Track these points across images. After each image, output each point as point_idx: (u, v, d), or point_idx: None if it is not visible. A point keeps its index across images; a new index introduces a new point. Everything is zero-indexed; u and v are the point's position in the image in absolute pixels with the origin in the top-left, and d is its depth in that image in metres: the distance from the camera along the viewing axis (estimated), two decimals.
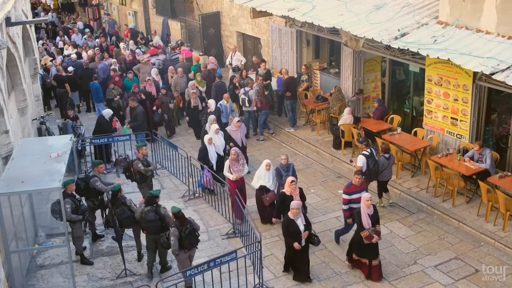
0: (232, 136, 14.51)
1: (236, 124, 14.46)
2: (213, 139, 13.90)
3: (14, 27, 13.02)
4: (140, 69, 19.95)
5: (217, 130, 14.14)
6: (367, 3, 14.51)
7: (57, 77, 19.60)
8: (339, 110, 16.00)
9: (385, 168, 12.54)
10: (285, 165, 12.19)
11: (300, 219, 10.13)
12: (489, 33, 11.68)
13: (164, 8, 25.58)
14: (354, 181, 11.09)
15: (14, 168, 10.35)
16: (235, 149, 12.87)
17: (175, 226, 9.89)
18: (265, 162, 12.28)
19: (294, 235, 10.10)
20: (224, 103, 16.06)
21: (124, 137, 15.24)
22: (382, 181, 12.77)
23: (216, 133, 14.10)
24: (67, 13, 34.42)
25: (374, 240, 10.26)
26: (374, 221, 10.29)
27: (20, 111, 13.78)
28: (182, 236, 9.84)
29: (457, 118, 13.18)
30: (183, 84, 18.62)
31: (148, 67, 19.97)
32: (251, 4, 16.70)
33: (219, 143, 14.09)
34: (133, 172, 12.79)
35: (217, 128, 14.19)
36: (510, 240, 11.23)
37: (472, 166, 12.36)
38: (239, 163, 12.75)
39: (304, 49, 18.41)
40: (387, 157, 12.54)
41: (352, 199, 10.98)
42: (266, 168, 12.20)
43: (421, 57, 12.87)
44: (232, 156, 12.70)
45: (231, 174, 12.63)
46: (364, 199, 10.24)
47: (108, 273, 11.02)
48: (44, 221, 12.39)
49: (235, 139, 14.49)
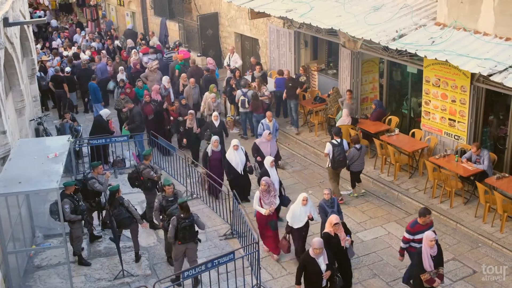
0: (261, 149, 13.20)
1: (267, 137, 13.19)
2: (232, 156, 12.91)
3: (12, 28, 13.00)
4: (148, 77, 19.13)
5: (236, 146, 12.91)
6: (365, 4, 14.54)
7: (55, 78, 19.58)
8: (337, 111, 16.00)
9: (356, 159, 12.97)
10: (328, 200, 10.69)
11: (322, 257, 8.98)
12: (487, 35, 11.70)
13: (162, 9, 25.58)
14: None
15: (12, 168, 10.33)
16: (266, 180, 11.03)
17: (176, 217, 10.01)
18: (302, 196, 10.60)
19: (311, 276, 9.04)
20: (266, 121, 14.40)
21: (121, 138, 15.21)
22: (354, 172, 13.21)
23: (235, 149, 12.91)
24: (65, 14, 34.41)
25: (436, 285, 9.07)
26: (437, 263, 9.01)
27: (17, 111, 13.75)
28: (178, 227, 9.96)
29: (454, 119, 13.19)
30: (195, 95, 17.63)
31: (157, 74, 19.16)
32: (249, 5, 16.71)
33: (238, 160, 12.94)
34: (143, 181, 12.35)
35: (236, 144, 12.94)
36: (508, 241, 11.25)
37: (470, 167, 12.37)
38: (270, 194, 11.09)
39: (302, 50, 18.43)
40: (358, 148, 12.95)
41: (415, 239, 9.58)
42: (303, 203, 10.55)
43: (419, 58, 12.89)
44: (262, 187, 10.94)
45: (262, 208, 10.94)
46: (428, 238, 8.90)
47: (106, 274, 11.00)
48: (41, 222, 12.37)
49: (264, 153, 13.06)
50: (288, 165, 15.43)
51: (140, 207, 12.99)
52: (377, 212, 12.85)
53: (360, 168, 13.20)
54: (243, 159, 12.98)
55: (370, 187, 13.88)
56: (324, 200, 10.74)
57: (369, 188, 13.86)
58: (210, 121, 15.16)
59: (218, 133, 14.60)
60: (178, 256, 10.26)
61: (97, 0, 30.53)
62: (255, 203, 10.99)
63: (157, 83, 18.19)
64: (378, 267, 10.97)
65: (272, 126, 14.40)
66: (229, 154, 13.04)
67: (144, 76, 19.11)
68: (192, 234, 10.13)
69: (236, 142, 12.92)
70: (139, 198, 13.22)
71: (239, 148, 12.98)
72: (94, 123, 15.99)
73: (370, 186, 13.93)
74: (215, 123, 14.90)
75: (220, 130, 14.93)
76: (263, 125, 14.36)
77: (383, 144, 14.12)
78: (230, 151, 13.00)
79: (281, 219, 12.03)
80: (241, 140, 16.68)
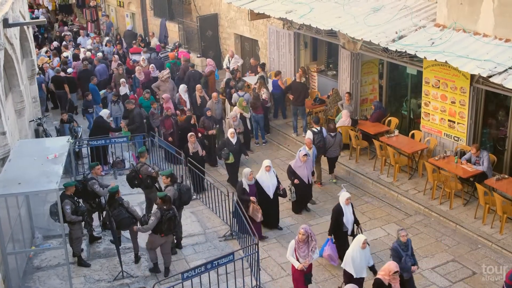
0: (297, 172, 12.44)
1: (302, 158, 12.33)
2: (263, 177, 11.98)
3: (12, 29, 13.00)
4: (160, 87, 18.13)
5: (269, 167, 11.95)
6: (365, 6, 14.54)
7: (56, 79, 19.58)
8: (337, 112, 16.00)
9: (331, 145, 13.82)
10: (404, 243, 9.49)
11: None
12: (487, 36, 11.71)
13: (162, 10, 25.57)
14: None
15: (11, 169, 10.33)
16: (305, 228, 9.48)
17: (159, 209, 10.28)
18: (361, 240, 9.43)
19: None
20: (306, 149, 12.86)
21: (121, 139, 15.22)
22: (330, 158, 14.10)
23: (267, 170, 11.96)
24: (65, 15, 34.40)
25: None
26: None
27: (17, 112, 13.75)
28: (162, 219, 10.21)
29: (454, 120, 13.20)
30: (218, 110, 16.26)
31: (169, 84, 18.15)
32: (249, 6, 16.71)
33: (269, 182, 11.97)
34: (142, 179, 12.35)
35: (269, 165, 11.99)
36: (507, 242, 11.25)
37: (469, 168, 12.38)
38: (309, 246, 9.57)
39: (302, 51, 18.42)
40: (332, 135, 13.80)
41: None
42: (363, 246, 9.43)
43: (419, 59, 12.89)
44: (300, 236, 9.42)
45: (296, 261, 9.52)
46: None
47: (105, 275, 11.00)
48: (41, 223, 12.36)
49: (302, 176, 12.45)
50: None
51: (140, 208, 12.98)
52: (376, 213, 12.85)
53: (335, 154, 14.07)
54: (274, 182, 12.02)
55: (370, 188, 13.89)
56: (398, 242, 9.47)
57: (369, 189, 13.87)
58: (227, 139, 14.22)
59: (236, 151, 14.04)
60: (155, 247, 10.71)
61: (97, 1, 30.52)
62: (288, 253, 9.64)
63: (169, 93, 17.48)
64: (377, 268, 10.91)
65: (312, 154, 13.04)
66: (260, 176, 12.04)
67: (155, 86, 18.24)
68: (174, 225, 10.53)
69: (268, 163, 11.98)
70: (139, 199, 13.22)
71: (271, 169, 12.08)
72: (94, 124, 16.00)
73: (369, 187, 13.94)
74: (232, 140, 14.04)
75: (238, 148, 14.19)
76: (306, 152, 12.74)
77: (382, 145, 14.12)
78: (262, 173, 12.02)
79: None
80: None
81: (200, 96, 17.02)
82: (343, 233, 10.77)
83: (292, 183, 12.54)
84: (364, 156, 15.16)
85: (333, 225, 10.70)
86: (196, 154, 14.05)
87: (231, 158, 13.96)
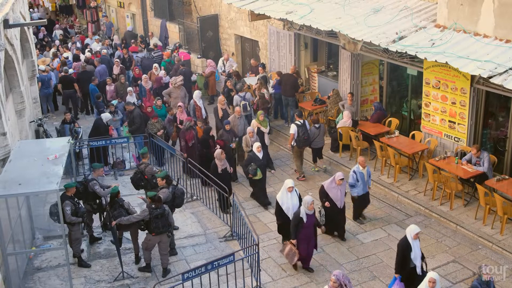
0: (330, 195, 11.51)
1: (337, 182, 11.41)
2: (284, 198, 11.23)
3: (12, 29, 13.01)
4: (172, 93, 17.33)
5: (291, 188, 11.15)
6: (365, 6, 14.55)
7: (64, 78, 19.59)
8: (337, 113, 16.01)
9: (316, 136, 14.36)
10: (485, 281, 8.73)
11: None
12: (487, 37, 11.72)
13: (162, 10, 25.59)
14: None
15: (12, 170, 10.33)
16: (336, 275, 8.55)
17: (148, 207, 10.48)
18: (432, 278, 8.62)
19: None
20: (360, 168, 12.04)
21: (121, 140, 15.23)
22: (315, 148, 14.66)
23: (290, 191, 11.19)
24: (65, 15, 34.42)
25: None
26: None
27: (17, 113, 13.75)
28: (151, 218, 10.41)
29: (454, 121, 13.19)
30: (241, 126, 15.14)
31: (181, 91, 17.29)
32: (250, 7, 16.73)
33: (290, 203, 11.17)
34: (148, 179, 12.29)
35: (292, 186, 11.19)
36: (508, 243, 11.24)
37: (470, 169, 12.38)
38: None
39: (302, 52, 18.43)
40: (317, 127, 14.36)
41: None
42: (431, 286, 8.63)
43: (419, 60, 12.90)
44: (331, 283, 8.59)
45: None
46: None
47: (106, 275, 10.99)
48: (41, 223, 12.36)
49: (334, 199, 11.47)
50: (288, 166, 15.43)
51: (140, 208, 12.95)
52: (377, 214, 12.85)
53: (320, 145, 14.63)
54: (296, 202, 11.15)
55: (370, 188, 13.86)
56: (478, 280, 8.81)
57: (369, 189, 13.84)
58: (253, 153, 13.23)
59: (263, 166, 13.28)
60: (150, 247, 10.77)
61: (97, 1, 30.54)
62: None
63: (181, 100, 16.84)
64: (378, 269, 10.96)
65: (366, 173, 12.16)
66: (281, 196, 11.32)
67: (167, 93, 17.44)
68: (165, 224, 10.53)
69: (291, 184, 11.19)
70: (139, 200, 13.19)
71: (294, 189, 11.34)
72: (93, 125, 16.01)
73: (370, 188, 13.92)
74: (259, 155, 13.16)
75: (265, 163, 13.50)
76: (356, 173, 11.98)
77: (383, 146, 14.12)
78: (283, 193, 11.27)
79: None
80: None
81: (222, 108, 15.87)
82: (411, 270, 9.61)
83: (323, 205, 11.56)
84: (365, 157, 15.08)
85: (400, 262, 9.55)
86: (225, 171, 13.06)
87: (259, 174, 13.07)
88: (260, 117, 14.90)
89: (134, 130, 15.77)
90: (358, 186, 12.01)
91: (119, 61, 21.26)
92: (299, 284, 10.65)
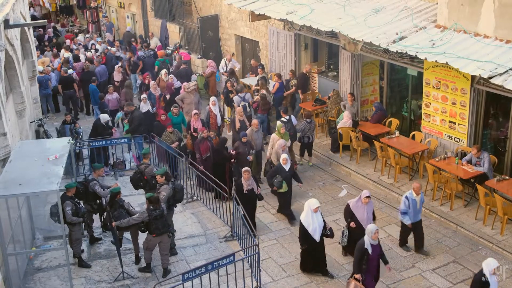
0: (356, 215, 10.75)
1: (364, 200, 10.70)
2: (309, 219, 10.40)
3: (13, 30, 13.01)
4: (185, 99, 16.62)
5: (317, 208, 10.41)
6: (366, 7, 14.55)
7: (65, 79, 19.59)
8: (337, 113, 16.01)
9: (307, 131, 14.65)
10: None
11: None
12: (487, 37, 11.72)
13: (163, 10, 25.59)
14: None
15: (12, 170, 10.33)
16: None
17: (147, 209, 10.50)
18: None
19: None
20: (413, 195, 10.99)
21: (121, 140, 15.23)
22: (306, 143, 14.93)
23: (316, 212, 10.41)
24: (66, 16, 34.44)
25: None
26: None
27: (18, 113, 13.76)
28: (150, 219, 10.43)
29: (455, 121, 13.19)
30: (259, 140, 14.36)
31: (194, 96, 16.71)
32: (250, 7, 16.73)
33: (316, 224, 10.40)
34: (147, 180, 12.26)
35: (318, 205, 10.45)
36: (508, 243, 11.24)
37: (470, 169, 12.37)
38: None
39: (303, 52, 18.43)
40: (308, 121, 14.64)
41: None
42: None
43: (419, 60, 12.90)
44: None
45: None
46: None
47: (106, 276, 10.99)
48: (41, 224, 12.37)
49: (360, 220, 10.71)
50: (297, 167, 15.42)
51: (140, 209, 12.96)
52: (377, 215, 12.80)
53: (310, 140, 14.94)
54: (321, 221, 10.48)
55: (371, 189, 13.87)
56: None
57: (370, 190, 13.83)
58: (279, 165, 12.63)
59: (288, 178, 12.59)
60: (151, 247, 10.80)
61: (97, 2, 30.55)
62: None
63: (195, 106, 16.34)
64: None
65: (419, 201, 11.14)
66: (306, 218, 10.43)
67: (179, 99, 16.78)
68: (165, 224, 10.56)
69: (317, 204, 10.41)
70: (139, 200, 13.21)
71: (319, 211, 10.49)
72: (93, 126, 16.02)
73: (370, 188, 13.93)
74: (285, 167, 12.53)
75: (291, 176, 12.75)
76: (409, 199, 11.01)
77: (383, 147, 14.12)
78: (308, 214, 10.40)
79: None
80: None
81: (240, 119, 15.16)
82: None
83: (348, 225, 10.92)
84: (365, 157, 15.16)
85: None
86: (251, 192, 12.05)
87: (285, 187, 12.50)
88: (281, 130, 13.99)
89: (134, 130, 15.77)
90: (410, 213, 11.00)
91: (121, 68, 20.73)
92: (299, 285, 10.65)
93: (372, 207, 11.03)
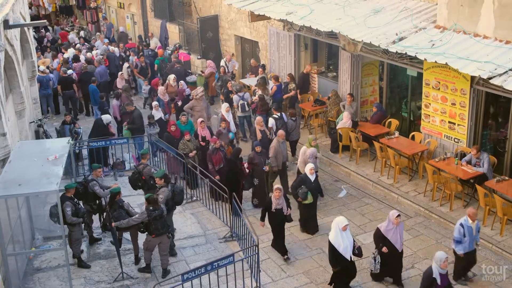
0: (389, 238, 10.02)
1: (395, 221, 9.90)
2: (339, 239, 9.78)
3: (12, 30, 13.02)
4: (194, 107, 16.04)
5: (346, 226, 9.78)
6: (365, 7, 14.56)
7: (64, 79, 19.58)
8: (337, 114, 16.01)
9: (293, 129, 15.11)
10: None
11: None
12: (487, 38, 11.72)
13: (162, 11, 25.61)
14: None
15: (12, 170, 10.33)
16: None
17: (146, 209, 10.52)
18: None
19: None
20: (468, 222, 9.97)
21: (121, 140, 15.23)
22: (293, 141, 15.34)
23: (345, 230, 9.80)
24: (65, 16, 34.46)
25: None
26: None
27: (17, 113, 13.76)
28: (149, 220, 10.44)
29: (454, 122, 13.20)
30: (285, 151, 13.75)
31: (203, 102, 16.18)
32: (250, 7, 16.74)
33: (347, 243, 9.80)
34: (145, 180, 12.27)
35: (347, 223, 9.83)
36: (508, 244, 11.24)
37: (470, 170, 12.37)
38: None
39: (302, 53, 18.43)
40: (294, 119, 15.11)
41: None
42: None
43: (419, 61, 12.90)
44: None
45: None
46: None
47: (105, 276, 10.99)
48: (41, 224, 12.37)
49: (393, 242, 10.02)
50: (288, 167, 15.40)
51: (140, 209, 12.96)
52: (377, 215, 12.84)
53: (297, 137, 15.39)
54: (351, 240, 9.94)
55: (370, 189, 13.89)
56: None
57: (369, 190, 13.87)
58: (304, 175, 12.08)
59: (314, 189, 12.02)
60: (151, 248, 10.81)
61: (97, 2, 30.57)
62: None
63: (205, 112, 16.01)
64: None
65: (475, 228, 10.08)
66: (335, 238, 9.80)
67: (189, 107, 16.16)
68: (164, 225, 10.57)
69: (345, 222, 9.81)
70: (139, 200, 13.21)
71: (348, 229, 9.89)
72: (93, 125, 16.01)
73: (370, 188, 13.94)
74: (311, 177, 11.97)
75: (316, 187, 12.18)
76: (464, 227, 9.97)
77: (383, 147, 14.12)
78: (337, 233, 9.79)
79: None
80: (241, 142, 16.72)
81: (260, 130, 14.59)
82: None
83: (379, 251, 10.17)
84: (365, 157, 15.16)
85: None
86: (279, 212, 11.28)
87: (310, 198, 11.91)
88: (312, 143, 13.29)
89: (134, 130, 15.76)
90: (465, 241, 10.02)
91: (124, 74, 20.56)
92: (298, 285, 10.65)
93: (403, 227, 10.37)
